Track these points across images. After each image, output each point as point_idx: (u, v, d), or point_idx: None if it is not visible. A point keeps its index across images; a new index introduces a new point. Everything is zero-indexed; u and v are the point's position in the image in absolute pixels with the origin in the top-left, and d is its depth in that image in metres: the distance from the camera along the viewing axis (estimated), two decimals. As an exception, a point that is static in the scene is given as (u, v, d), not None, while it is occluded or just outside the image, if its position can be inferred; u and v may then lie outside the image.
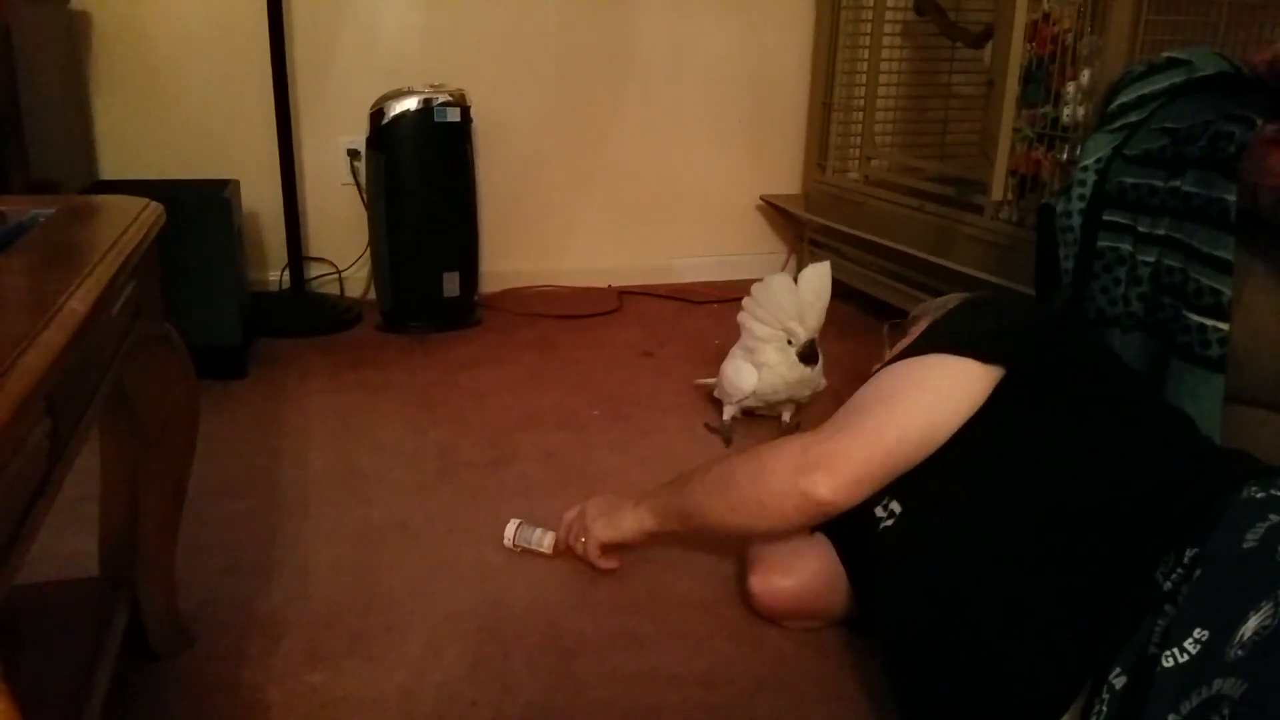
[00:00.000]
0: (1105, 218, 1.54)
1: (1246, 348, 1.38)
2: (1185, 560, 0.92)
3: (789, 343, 1.91)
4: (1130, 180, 1.52)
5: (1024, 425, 1.16)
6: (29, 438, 0.65)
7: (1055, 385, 1.17)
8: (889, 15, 2.75)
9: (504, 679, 1.25)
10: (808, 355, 1.90)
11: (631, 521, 1.42)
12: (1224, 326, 1.37)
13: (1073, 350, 1.25)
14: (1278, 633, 0.80)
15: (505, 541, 1.55)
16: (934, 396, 1.19)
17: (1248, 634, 0.81)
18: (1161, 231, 1.46)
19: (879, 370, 1.29)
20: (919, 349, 1.25)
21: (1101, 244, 1.54)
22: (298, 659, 1.27)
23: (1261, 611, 0.82)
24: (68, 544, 1.30)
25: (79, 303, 0.75)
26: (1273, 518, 0.90)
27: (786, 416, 2.03)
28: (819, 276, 1.87)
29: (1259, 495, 0.95)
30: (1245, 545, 0.89)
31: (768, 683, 1.27)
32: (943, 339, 1.25)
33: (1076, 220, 1.57)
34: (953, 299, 1.58)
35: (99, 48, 2.58)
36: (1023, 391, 1.17)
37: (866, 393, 1.24)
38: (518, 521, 1.56)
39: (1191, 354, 1.40)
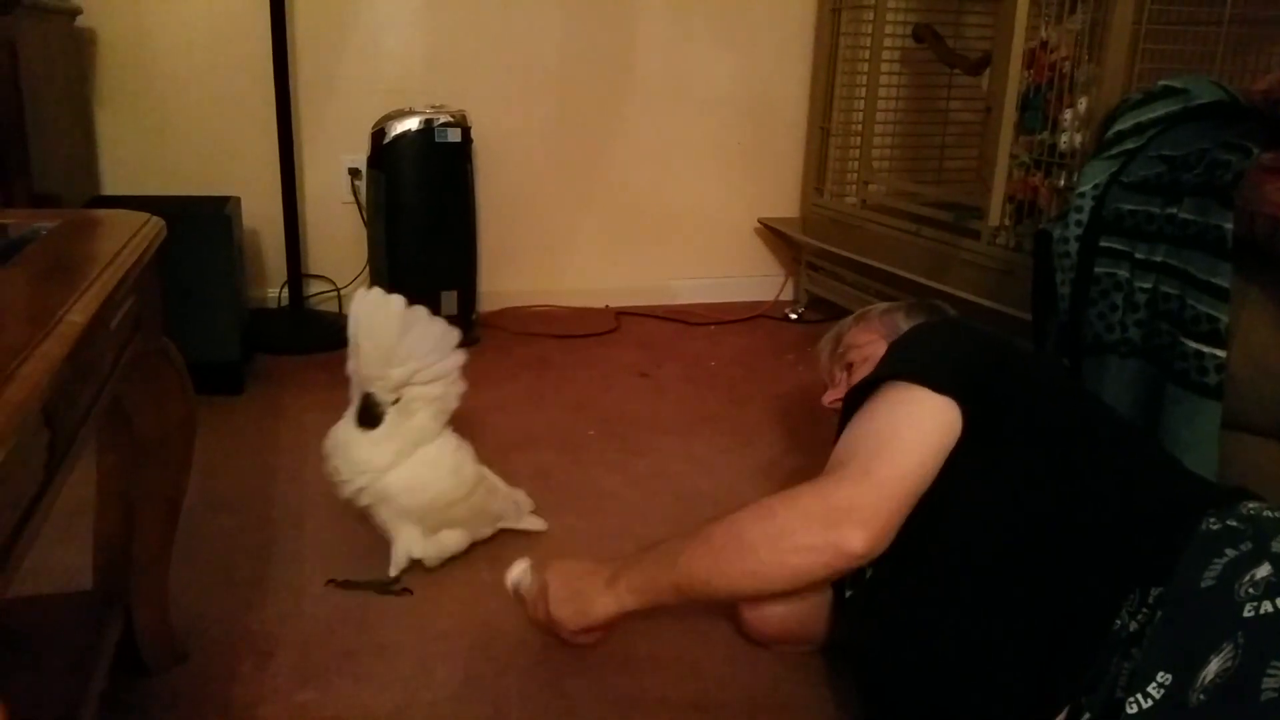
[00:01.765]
0: (1102, 244, 1.55)
1: (1244, 374, 1.38)
2: (1150, 600, 0.92)
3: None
4: (1127, 207, 1.52)
5: (982, 462, 1.15)
6: (27, 448, 0.65)
7: (1005, 421, 1.17)
8: (887, 41, 2.76)
9: (496, 699, 1.25)
10: (364, 415, 1.46)
11: (607, 605, 1.25)
12: (1221, 353, 1.37)
13: (1020, 382, 1.25)
14: (1238, 675, 0.81)
15: (508, 584, 1.36)
16: (921, 433, 1.17)
17: (1209, 677, 0.82)
18: (1159, 258, 1.46)
19: (854, 396, 1.27)
20: (891, 372, 1.24)
21: (1099, 270, 1.54)
22: (289, 677, 1.27)
23: (1222, 654, 0.82)
24: (62, 557, 1.30)
25: (78, 315, 0.75)
26: (1229, 552, 0.90)
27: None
28: (366, 305, 1.47)
29: (1215, 527, 0.95)
30: (1204, 584, 0.89)
31: (761, 706, 1.27)
32: (912, 367, 1.23)
33: (1074, 246, 1.58)
34: (897, 308, 1.59)
35: (103, 64, 2.59)
36: (977, 428, 1.17)
37: (863, 433, 1.20)
38: (527, 563, 1.37)
39: (1189, 380, 1.40)
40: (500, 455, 1.95)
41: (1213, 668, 0.82)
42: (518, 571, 1.35)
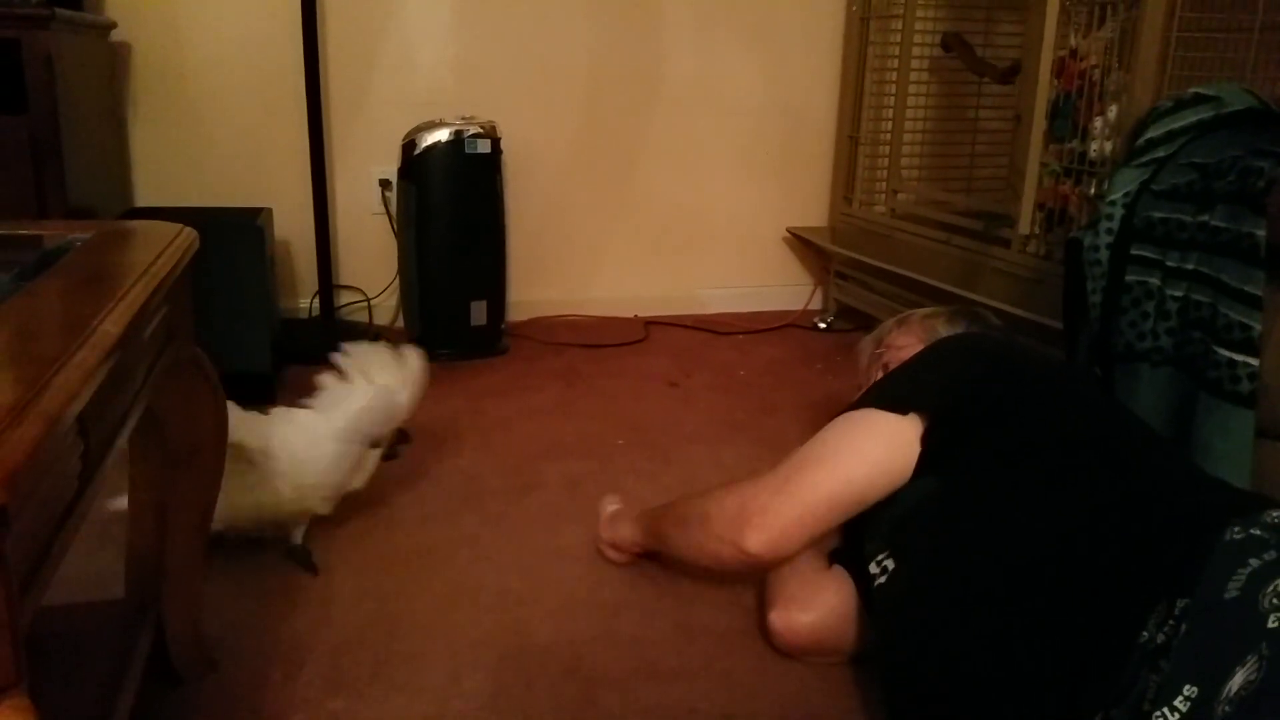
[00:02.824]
0: (1133, 252, 1.54)
1: (1276, 383, 1.37)
2: (1176, 611, 0.91)
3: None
4: (1158, 215, 1.51)
5: (1003, 474, 1.15)
6: (62, 457, 0.65)
7: (1016, 434, 1.18)
8: (916, 50, 2.76)
9: (526, 709, 1.25)
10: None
11: (626, 531, 1.56)
12: (1254, 361, 1.35)
13: (1038, 394, 1.26)
14: (1263, 687, 0.79)
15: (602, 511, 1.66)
16: (860, 458, 1.28)
17: (1234, 689, 0.81)
18: (1190, 266, 1.45)
19: (846, 411, 1.35)
20: (861, 401, 1.34)
21: (1130, 278, 1.53)
22: (319, 685, 1.28)
23: (1247, 666, 0.81)
24: (94, 566, 1.31)
25: (112, 325, 0.76)
26: (1253, 562, 0.89)
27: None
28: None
29: (1239, 536, 0.94)
30: (1228, 595, 0.88)
31: (790, 717, 1.26)
32: (872, 392, 1.35)
33: (1104, 255, 1.57)
34: (939, 314, 1.59)
35: (138, 77, 2.63)
36: (978, 440, 1.18)
37: (810, 449, 1.32)
38: (616, 501, 1.67)
39: (1221, 389, 1.39)
40: (529, 464, 1.97)
41: (1238, 680, 0.81)
42: (608, 504, 1.66)
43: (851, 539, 1.47)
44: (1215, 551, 0.92)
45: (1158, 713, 0.85)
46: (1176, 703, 0.84)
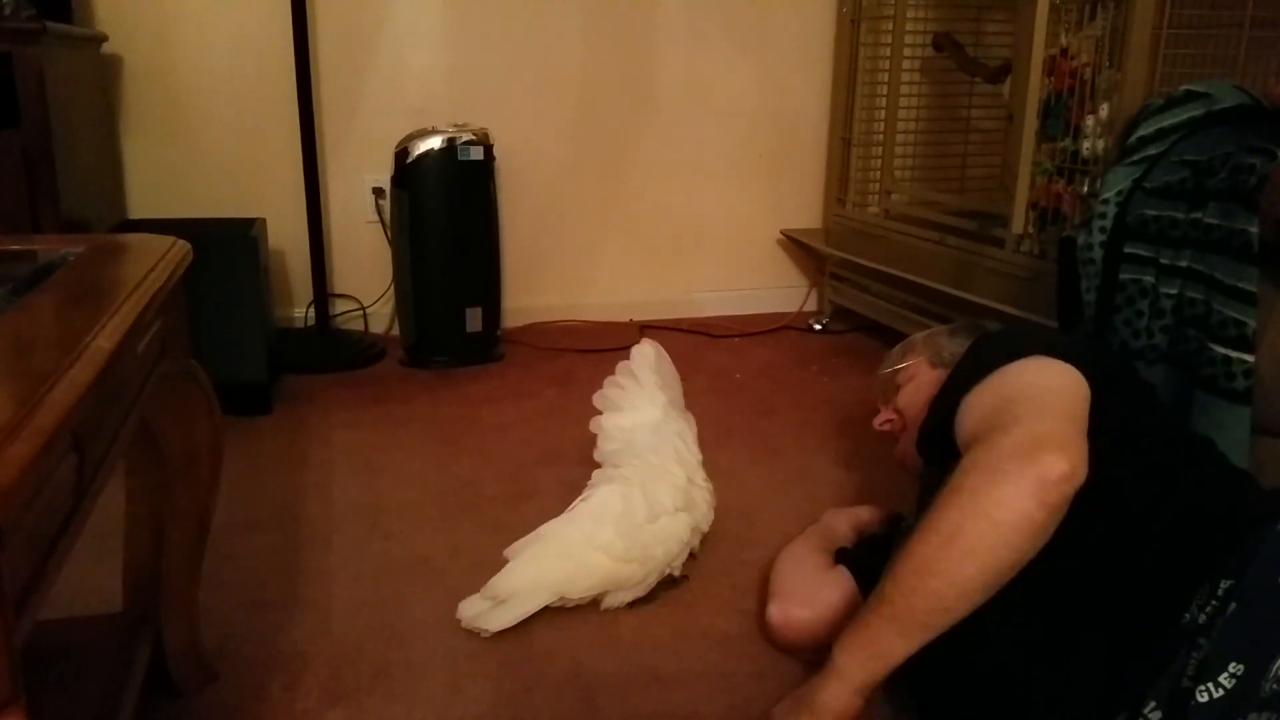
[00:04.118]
0: (1127, 250, 1.54)
1: (1272, 379, 1.37)
2: (1219, 593, 0.92)
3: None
4: (1151, 213, 1.51)
5: None
6: (56, 472, 0.65)
7: (1104, 412, 1.13)
8: (907, 51, 2.76)
9: (526, 716, 1.25)
10: None
11: (834, 691, 1.09)
12: (1249, 358, 1.36)
13: (1112, 377, 1.23)
14: None
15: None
16: (1067, 378, 1.12)
17: None
18: (1184, 263, 1.45)
19: (942, 402, 1.22)
20: (995, 361, 1.17)
21: (1124, 276, 1.53)
22: (319, 696, 1.27)
23: None
24: (92, 579, 1.31)
25: (106, 340, 0.76)
26: None
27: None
28: None
29: None
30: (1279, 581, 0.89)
31: None
32: (1022, 347, 1.18)
33: (1098, 253, 1.57)
34: (940, 331, 1.58)
35: (130, 90, 2.63)
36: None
37: (1009, 388, 1.12)
38: None
39: (1217, 386, 1.39)
40: (526, 470, 1.96)
41: None
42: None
43: (866, 541, 1.48)
44: (1267, 540, 0.94)
45: (1201, 687, 0.86)
46: (1222, 679, 0.86)
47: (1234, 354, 1.37)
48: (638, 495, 1.49)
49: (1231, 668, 0.86)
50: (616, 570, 1.45)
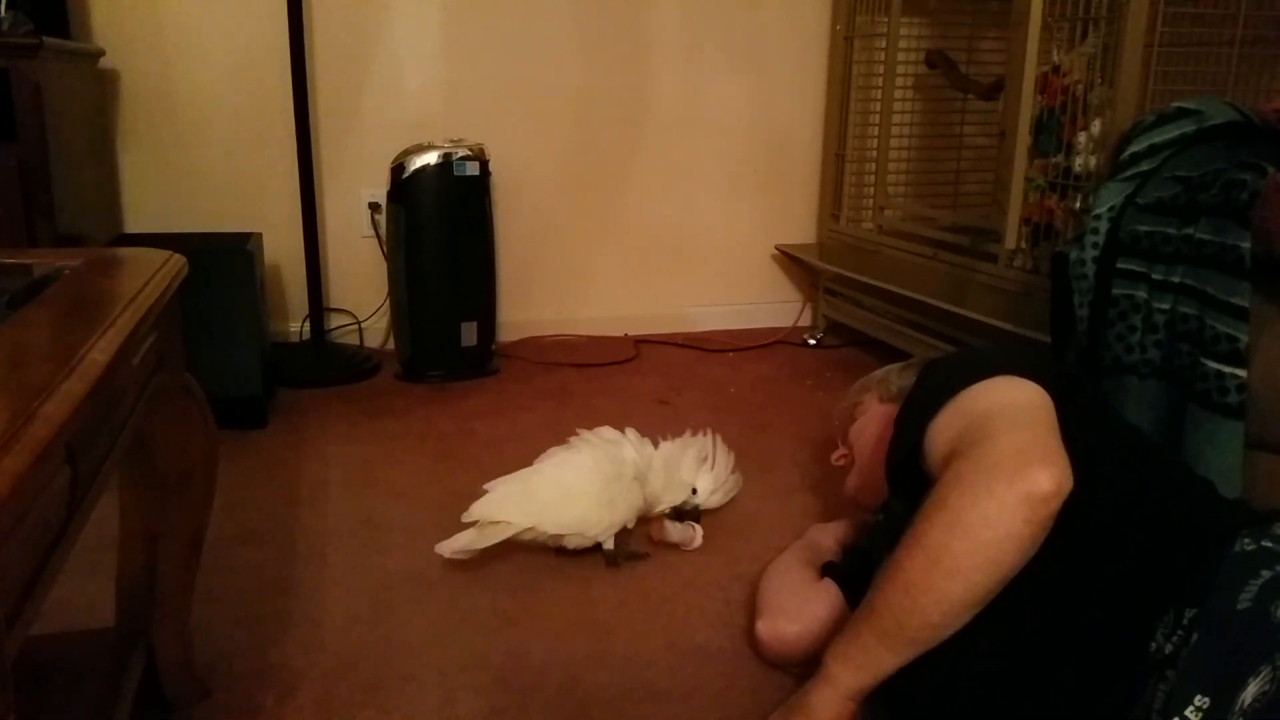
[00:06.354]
0: (1119, 265, 1.54)
1: (1265, 394, 1.37)
2: (1185, 621, 0.91)
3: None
4: (1144, 228, 1.52)
5: None
6: (49, 486, 0.65)
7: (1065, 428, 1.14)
8: (900, 68, 2.77)
9: (519, 730, 1.25)
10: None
11: (825, 695, 1.11)
12: (1242, 373, 1.36)
13: (1069, 393, 1.23)
14: (1276, 699, 0.80)
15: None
16: (1037, 394, 1.11)
17: (1248, 700, 0.81)
18: (1176, 279, 1.46)
19: (901, 430, 1.21)
20: (955, 385, 1.15)
21: (1116, 292, 1.54)
22: (313, 711, 1.27)
23: (1260, 677, 0.82)
24: (84, 594, 1.30)
25: (100, 354, 0.76)
26: (1264, 574, 0.90)
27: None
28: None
29: (1250, 548, 0.94)
30: (1239, 606, 0.88)
31: (785, 735, 1.26)
32: (978, 369, 1.17)
33: (1090, 268, 1.58)
34: (893, 369, 1.58)
35: (126, 104, 2.63)
36: None
37: (978, 405, 1.11)
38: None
39: (1210, 401, 1.39)
40: (520, 486, 1.96)
41: (1250, 691, 0.82)
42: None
43: (851, 554, 1.48)
44: (1226, 562, 0.93)
45: None
46: (1188, 713, 0.84)
47: (1227, 369, 1.37)
48: (630, 449, 1.72)
49: (1197, 700, 0.85)
50: (589, 514, 1.62)
